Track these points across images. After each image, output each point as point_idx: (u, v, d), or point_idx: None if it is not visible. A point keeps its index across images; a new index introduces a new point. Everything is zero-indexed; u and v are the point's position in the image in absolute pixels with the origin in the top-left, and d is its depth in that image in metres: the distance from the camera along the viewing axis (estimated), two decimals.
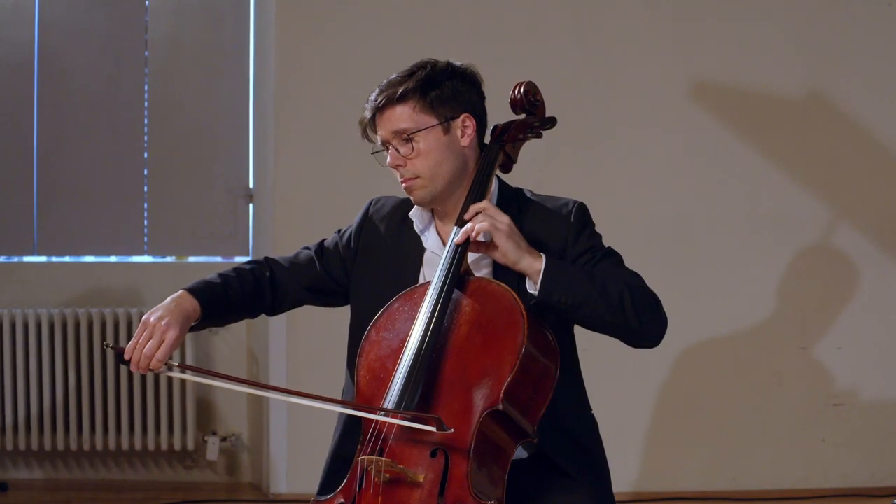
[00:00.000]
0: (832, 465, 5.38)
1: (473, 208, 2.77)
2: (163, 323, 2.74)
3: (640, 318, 2.77)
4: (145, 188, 5.51)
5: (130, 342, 2.74)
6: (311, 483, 2.97)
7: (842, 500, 5.24)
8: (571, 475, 2.84)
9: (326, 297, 3.04)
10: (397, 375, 2.68)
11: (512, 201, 2.92)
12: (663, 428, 5.37)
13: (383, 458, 2.60)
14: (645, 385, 5.33)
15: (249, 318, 3.03)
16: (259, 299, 2.97)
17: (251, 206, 5.50)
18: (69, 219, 5.50)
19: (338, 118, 5.25)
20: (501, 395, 2.61)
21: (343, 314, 3.06)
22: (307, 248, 3.04)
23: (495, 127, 2.99)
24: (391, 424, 2.65)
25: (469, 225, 2.74)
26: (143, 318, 2.76)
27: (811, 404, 5.39)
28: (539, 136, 3.02)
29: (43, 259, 5.53)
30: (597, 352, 3.50)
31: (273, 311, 3.04)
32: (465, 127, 2.86)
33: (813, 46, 5.32)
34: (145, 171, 5.51)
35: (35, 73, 5.45)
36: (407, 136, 2.82)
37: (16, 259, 5.53)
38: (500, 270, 2.81)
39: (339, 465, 2.89)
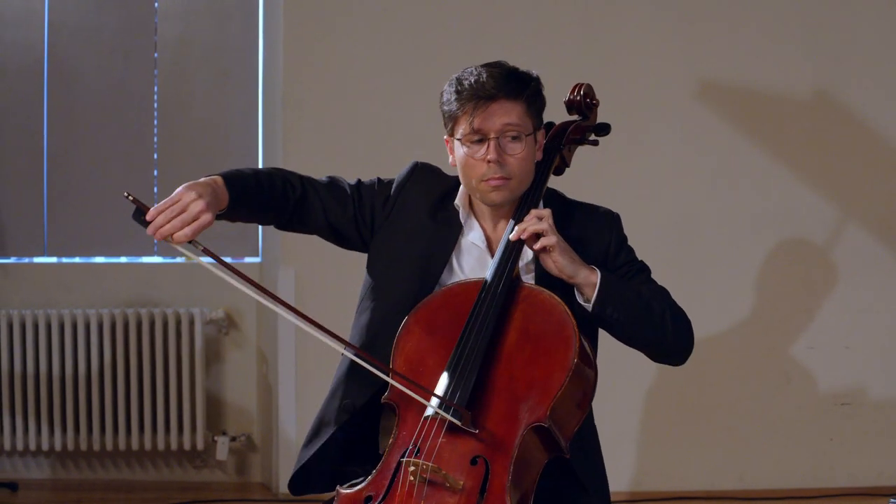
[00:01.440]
0: (839, 464, 5.39)
1: (536, 213, 2.76)
2: (203, 202, 2.59)
3: (677, 339, 2.84)
4: (155, 189, 5.51)
5: (158, 206, 2.59)
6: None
7: (849, 499, 5.23)
8: (586, 487, 2.85)
9: (342, 239, 2.96)
10: (444, 375, 2.66)
11: (553, 202, 2.92)
12: (670, 427, 5.38)
13: (430, 464, 2.56)
14: (652, 384, 5.33)
15: (260, 224, 2.92)
16: (279, 214, 2.88)
17: None
18: (79, 220, 5.51)
19: (346, 118, 5.27)
20: (548, 411, 2.60)
21: (353, 288, 3.05)
22: (339, 182, 2.94)
23: (549, 125, 2.98)
24: (440, 426, 2.61)
25: (525, 226, 2.73)
26: (179, 189, 2.61)
27: (818, 403, 5.39)
28: (595, 143, 3.03)
29: (53, 260, 5.53)
30: (603, 351, 3.51)
31: (285, 228, 2.95)
32: (540, 141, 2.86)
33: (820, 46, 5.33)
34: (155, 172, 5.52)
35: (45, 75, 5.46)
36: (516, 135, 2.76)
37: (26, 260, 5.53)
38: (543, 277, 2.81)
39: (324, 426, 2.90)
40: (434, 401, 2.64)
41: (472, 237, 2.88)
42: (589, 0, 5.30)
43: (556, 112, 3.02)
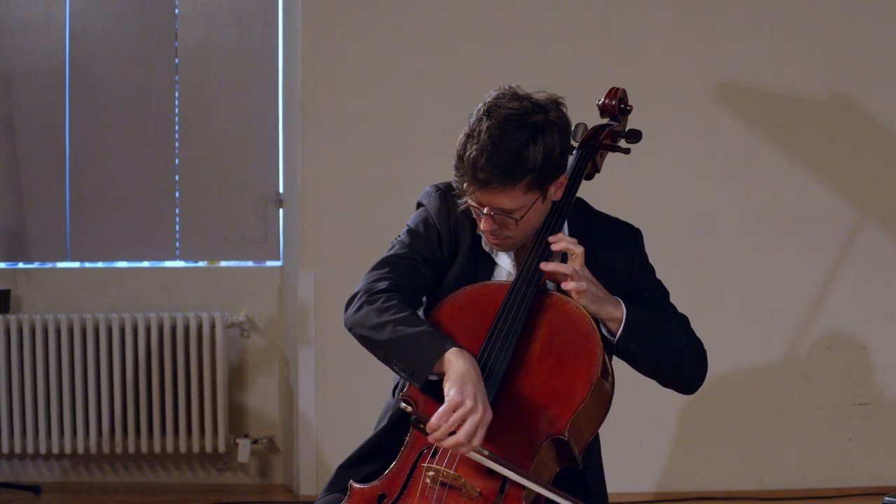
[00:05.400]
0: (859, 464, 5.38)
1: (565, 244, 2.70)
2: (481, 408, 2.49)
3: (693, 374, 2.83)
4: (177, 194, 5.54)
5: (437, 418, 2.49)
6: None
7: (869, 499, 5.21)
8: (593, 493, 2.84)
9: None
10: None
11: (580, 215, 2.89)
12: (690, 428, 5.38)
13: (452, 472, 2.55)
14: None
15: None
16: None
17: (281, 210, 5.54)
18: (102, 225, 5.54)
19: (364, 123, 5.29)
20: (568, 424, 2.59)
21: None
22: (398, 261, 2.81)
23: (578, 127, 2.92)
24: None
25: (556, 268, 2.68)
26: (455, 397, 2.49)
27: (837, 404, 5.39)
28: (628, 151, 3.00)
29: (76, 265, 5.56)
30: None
31: None
32: (559, 184, 2.75)
33: (836, 48, 5.33)
34: (177, 178, 5.54)
35: (67, 82, 5.49)
36: (509, 216, 2.68)
37: (49, 265, 5.56)
38: None
39: (372, 451, 2.86)
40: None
41: (502, 261, 2.85)
42: (607, 2, 5.32)
43: (575, 113, 3.02)
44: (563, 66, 5.19)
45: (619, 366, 3.01)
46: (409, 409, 2.58)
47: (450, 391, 2.50)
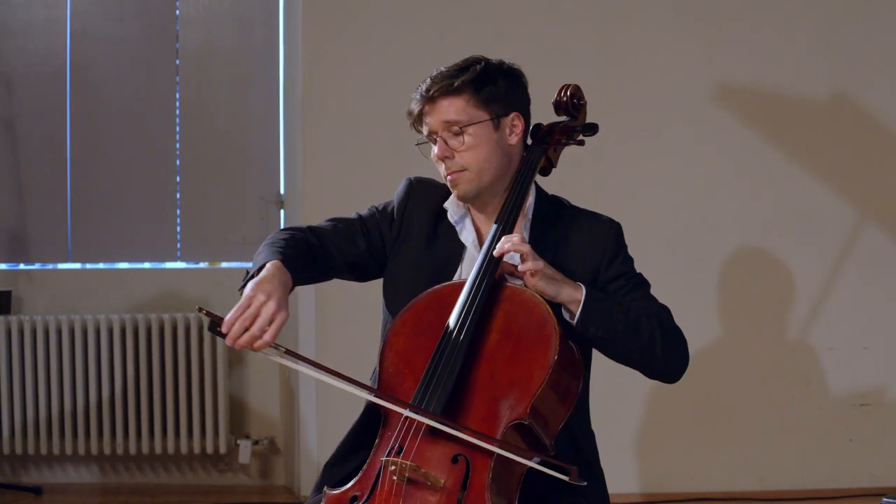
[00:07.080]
0: (860, 464, 5.38)
1: (506, 239, 2.72)
2: (273, 302, 2.57)
3: (666, 358, 2.80)
4: (178, 195, 5.55)
5: (231, 314, 2.56)
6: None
7: (870, 499, 5.21)
8: (575, 489, 2.80)
9: (361, 274, 3.00)
10: (426, 375, 2.66)
11: (550, 209, 2.92)
12: (690, 428, 5.38)
13: (409, 462, 2.57)
14: (671, 385, 5.33)
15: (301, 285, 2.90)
16: (315, 271, 2.90)
17: (282, 211, 5.54)
18: (103, 226, 5.55)
19: (365, 124, 5.30)
20: (528, 408, 2.60)
21: (372, 312, 3.08)
22: (342, 221, 2.96)
23: (538, 126, 2.99)
24: (419, 424, 2.62)
25: (503, 246, 2.70)
26: (248, 292, 2.59)
27: (838, 404, 5.39)
28: (581, 143, 3.02)
29: (77, 266, 5.57)
30: None
31: (313, 282, 2.96)
32: (513, 125, 2.87)
33: (837, 47, 5.33)
34: (178, 179, 5.55)
35: (68, 83, 5.50)
36: (458, 129, 2.82)
37: (50, 266, 5.57)
38: None
39: (352, 448, 2.88)
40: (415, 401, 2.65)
41: (465, 237, 2.90)
42: (607, 3, 5.32)
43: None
44: (562, 67, 5.19)
45: (617, 366, 3.02)
46: (204, 312, 2.58)
47: (246, 290, 2.61)
